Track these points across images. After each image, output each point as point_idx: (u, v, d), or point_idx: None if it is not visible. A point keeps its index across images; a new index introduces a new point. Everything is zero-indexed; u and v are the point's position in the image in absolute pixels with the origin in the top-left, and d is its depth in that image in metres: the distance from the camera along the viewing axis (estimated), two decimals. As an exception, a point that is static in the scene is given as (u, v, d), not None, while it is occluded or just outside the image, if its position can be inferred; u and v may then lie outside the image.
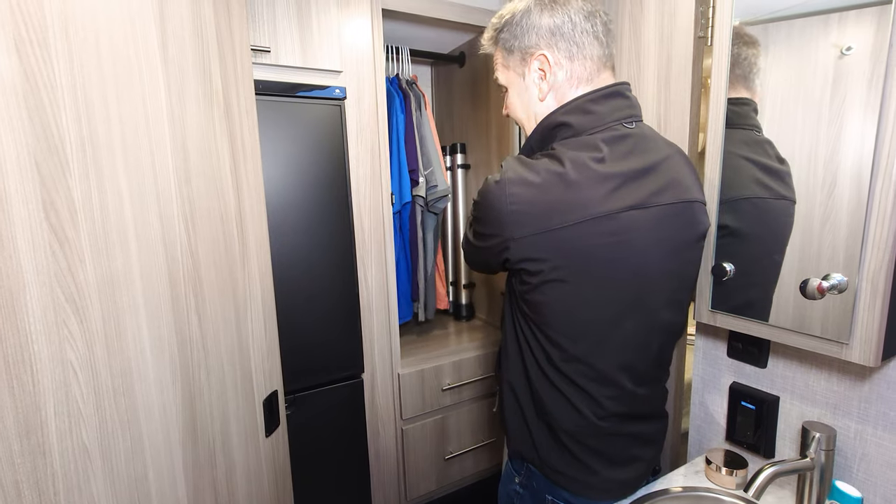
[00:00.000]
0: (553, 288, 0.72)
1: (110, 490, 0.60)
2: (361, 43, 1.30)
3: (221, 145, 0.75)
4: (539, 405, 0.81)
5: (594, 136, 0.73)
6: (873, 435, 0.77)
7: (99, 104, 0.56)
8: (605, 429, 0.78)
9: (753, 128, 0.80)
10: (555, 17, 0.75)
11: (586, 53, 0.76)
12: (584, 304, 0.73)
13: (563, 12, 0.75)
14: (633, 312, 0.74)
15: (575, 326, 0.74)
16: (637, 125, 0.76)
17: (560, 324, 0.74)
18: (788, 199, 0.76)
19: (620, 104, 0.76)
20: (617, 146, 0.73)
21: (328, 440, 1.38)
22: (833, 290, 0.70)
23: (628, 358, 0.76)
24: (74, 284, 0.55)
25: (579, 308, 0.73)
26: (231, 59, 0.79)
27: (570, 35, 0.75)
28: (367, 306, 1.41)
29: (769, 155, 0.78)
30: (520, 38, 0.78)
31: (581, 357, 0.75)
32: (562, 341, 0.75)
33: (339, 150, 1.30)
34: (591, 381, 0.76)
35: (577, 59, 0.76)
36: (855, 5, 0.67)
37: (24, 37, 0.50)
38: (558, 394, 0.78)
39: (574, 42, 0.75)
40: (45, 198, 0.52)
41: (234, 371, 0.79)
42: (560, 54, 0.76)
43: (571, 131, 0.75)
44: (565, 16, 0.75)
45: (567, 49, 0.75)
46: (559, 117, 0.76)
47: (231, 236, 0.78)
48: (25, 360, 0.52)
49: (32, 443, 0.53)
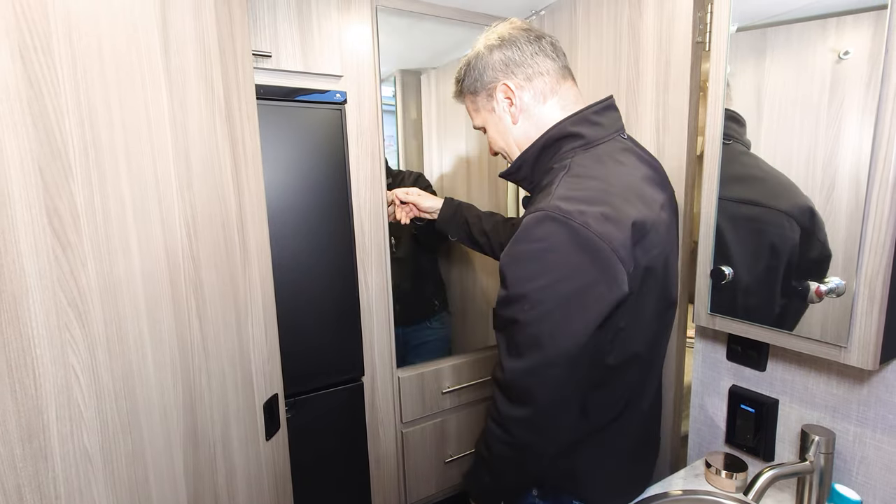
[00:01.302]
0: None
1: (111, 493, 0.60)
2: (362, 47, 1.30)
3: (223, 150, 0.76)
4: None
5: (607, 146, 0.78)
6: (872, 438, 0.77)
7: (102, 109, 0.57)
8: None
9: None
10: (504, 51, 0.82)
11: (541, 70, 0.81)
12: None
13: (509, 46, 0.82)
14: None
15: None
16: (628, 137, 0.83)
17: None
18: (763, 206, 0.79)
19: (616, 116, 0.83)
20: (631, 156, 0.78)
21: (328, 443, 1.38)
22: (831, 294, 0.70)
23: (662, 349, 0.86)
24: (77, 289, 0.55)
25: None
26: (233, 65, 0.79)
27: (522, 60, 0.81)
28: (368, 309, 1.42)
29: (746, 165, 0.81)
30: (479, 78, 0.85)
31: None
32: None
33: (340, 154, 1.31)
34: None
35: (536, 78, 0.81)
36: (852, 10, 0.67)
37: (29, 43, 0.50)
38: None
39: (527, 65, 0.81)
40: (48, 203, 0.52)
41: (234, 374, 0.79)
42: (519, 79, 0.82)
43: (582, 142, 0.78)
44: (513, 47, 0.81)
45: (523, 72, 0.81)
46: (569, 127, 0.78)
47: (232, 240, 0.78)
48: (28, 364, 0.52)
49: (34, 446, 0.53)
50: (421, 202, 1.26)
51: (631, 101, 1.10)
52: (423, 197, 1.26)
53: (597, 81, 1.18)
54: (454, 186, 1.92)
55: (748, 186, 0.80)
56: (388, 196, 1.34)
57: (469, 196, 1.83)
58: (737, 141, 0.81)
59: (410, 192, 1.27)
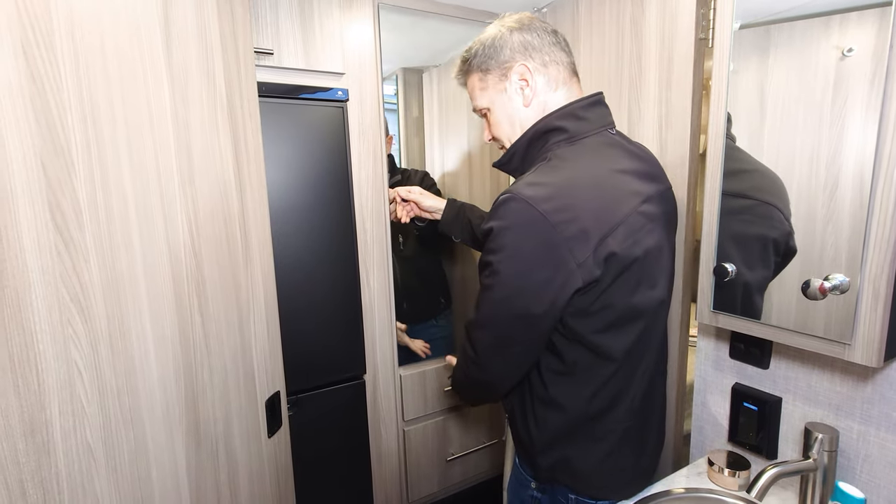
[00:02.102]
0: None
1: (114, 489, 0.61)
2: (364, 45, 1.30)
3: (225, 147, 0.76)
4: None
5: (590, 140, 0.79)
6: (876, 436, 0.77)
7: (104, 106, 0.57)
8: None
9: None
10: (524, 34, 0.83)
11: (556, 59, 0.83)
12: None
13: (529, 31, 0.83)
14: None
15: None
16: (617, 132, 0.84)
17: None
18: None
19: (604, 112, 0.84)
20: (615, 149, 0.79)
21: (330, 441, 1.38)
22: (835, 291, 0.70)
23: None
24: (79, 285, 0.55)
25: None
26: (234, 62, 0.79)
27: (540, 46, 0.82)
28: (370, 307, 1.42)
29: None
30: (494, 56, 0.84)
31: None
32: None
33: (342, 152, 1.31)
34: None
35: (551, 66, 0.83)
36: (856, 7, 0.67)
37: (31, 39, 0.51)
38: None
39: (544, 52, 0.83)
40: (50, 199, 0.52)
41: (236, 371, 0.79)
42: (536, 62, 0.82)
43: (566, 135, 0.79)
44: (533, 33, 0.83)
45: (540, 58, 0.82)
46: (554, 121, 0.80)
47: (234, 237, 0.78)
48: (31, 360, 0.52)
49: (37, 442, 0.53)
50: (422, 201, 1.25)
51: (633, 99, 1.09)
52: (424, 196, 1.26)
53: (599, 78, 1.18)
54: (456, 184, 1.92)
55: (739, 180, 0.81)
56: (390, 194, 1.34)
57: (471, 193, 1.83)
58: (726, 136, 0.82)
59: (412, 191, 1.27)
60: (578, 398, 0.79)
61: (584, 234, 0.68)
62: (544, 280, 0.70)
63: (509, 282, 0.72)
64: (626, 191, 0.75)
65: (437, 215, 1.25)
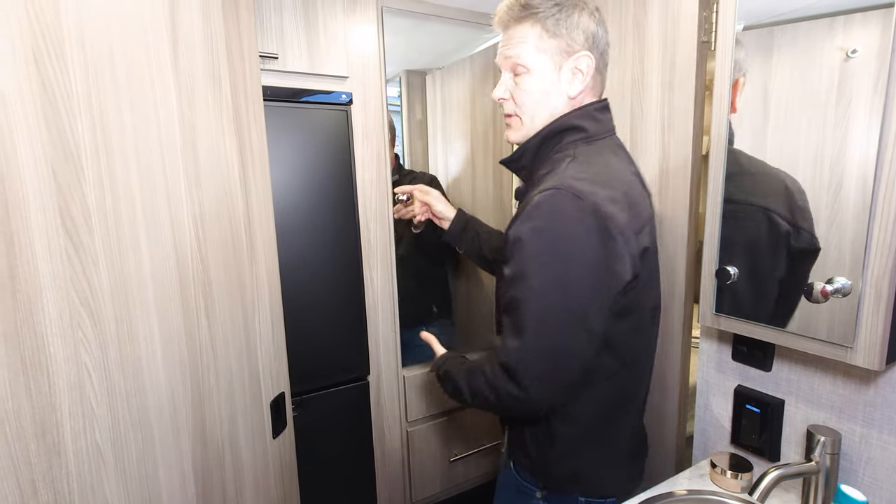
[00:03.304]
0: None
1: (122, 489, 0.62)
2: (367, 48, 1.31)
3: (230, 151, 0.77)
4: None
5: (605, 142, 0.80)
6: (878, 439, 0.77)
7: (113, 112, 0.58)
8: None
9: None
10: (599, 28, 0.78)
11: (602, 68, 0.81)
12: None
13: (603, 27, 0.79)
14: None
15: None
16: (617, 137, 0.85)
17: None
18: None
19: (610, 117, 0.84)
20: (623, 152, 0.82)
21: (334, 442, 1.39)
22: (837, 294, 0.70)
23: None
24: (89, 288, 0.56)
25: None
26: (240, 66, 0.80)
27: (602, 48, 0.79)
28: (373, 308, 1.42)
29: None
30: (570, 29, 0.76)
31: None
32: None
33: (346, 155, 1.31)
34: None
35: (604, 70, 0.82)
36: (860, 8, 0.67)
37: (42, 48, 0.51)
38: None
39: (606, 54, 0.81)
40: (61, 204, 0.53)
41: (242, 373, 0.80)
42: (599, 62, 0.80)
43: (584, 135, 0.79)
44: (602, 27, 0.79)
45: (599, 59, 0.79)
46: (573, 120, 0.79)
47: (240, 240, 0.79)
48: (42, 363, 0.53)
49: (48, 443, 0.54)
50: (435, 205, 1.19)
51: (636, 101, 1.09)
52: (438, 200, 1.20)
53: (602, 81, 1.18)
54: (459, 187, 1.92)
55: (733, 184, 0.82)
56: (406, 189, 1.25)
57: (473, 196, 1.83)
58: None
59: (429, 192, 1.21)
60: (596, 405, 0.79)
61: (630, 227, 0.70)
62: (598, 271, 0.67)
63: (562, 277, 0.66)
64: (641, 191, 0.78)
65: (444, 223, 1.19)
